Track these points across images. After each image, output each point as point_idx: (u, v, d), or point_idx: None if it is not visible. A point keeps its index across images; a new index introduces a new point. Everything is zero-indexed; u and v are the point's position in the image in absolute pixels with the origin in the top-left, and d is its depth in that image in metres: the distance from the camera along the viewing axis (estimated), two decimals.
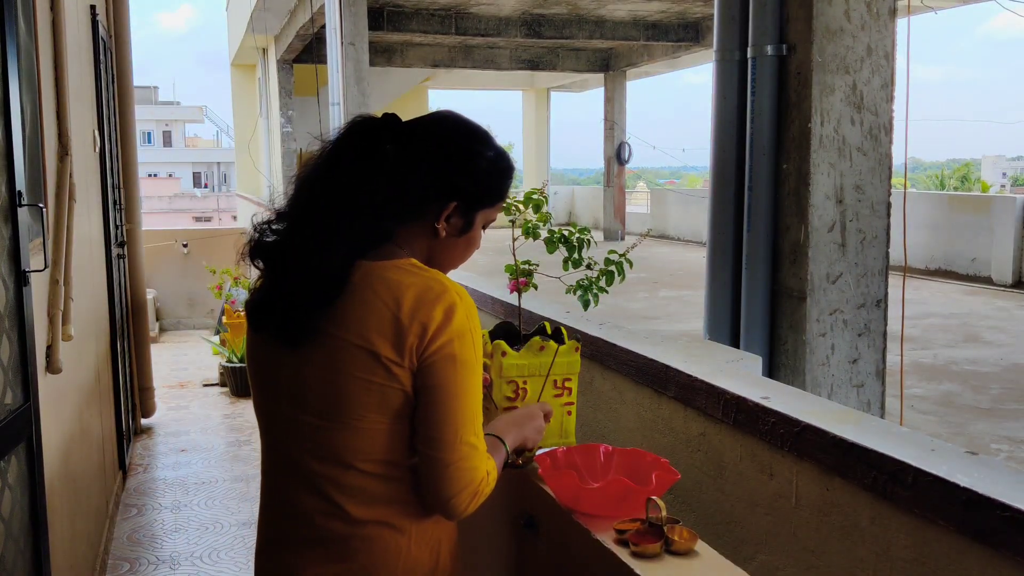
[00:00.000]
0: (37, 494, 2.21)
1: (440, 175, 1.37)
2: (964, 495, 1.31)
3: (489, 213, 1.44)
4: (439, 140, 1.40)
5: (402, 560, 1.34)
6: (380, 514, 1.33)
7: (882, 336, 3.40)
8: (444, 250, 1.42)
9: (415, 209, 1.37)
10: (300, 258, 1.30)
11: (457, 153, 1.39)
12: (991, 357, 7.89)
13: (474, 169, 1.40)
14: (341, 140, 1.38)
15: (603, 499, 1.44)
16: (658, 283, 12.62)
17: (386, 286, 1.28)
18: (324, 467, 1.32)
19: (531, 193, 1.77)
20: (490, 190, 1.43)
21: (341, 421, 1.29)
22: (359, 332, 1.27)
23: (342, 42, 10.60)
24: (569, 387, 1.74)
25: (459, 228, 1.41)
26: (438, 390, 1.27)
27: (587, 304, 1.82)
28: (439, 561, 1.39)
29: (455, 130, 1.43)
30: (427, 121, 1.44)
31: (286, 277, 1.32)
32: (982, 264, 12.96)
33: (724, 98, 3.58)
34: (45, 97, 2.86)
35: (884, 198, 3.33)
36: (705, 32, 15.68)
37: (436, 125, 1.43)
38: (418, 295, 1.27)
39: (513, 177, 1.47)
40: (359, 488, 1.31)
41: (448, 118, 1.45)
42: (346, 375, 1.27)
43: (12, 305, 2.09)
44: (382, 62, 17.27)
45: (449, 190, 1.37)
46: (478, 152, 1.41)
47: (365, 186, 1.33)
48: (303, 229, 1.33)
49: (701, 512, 2.00)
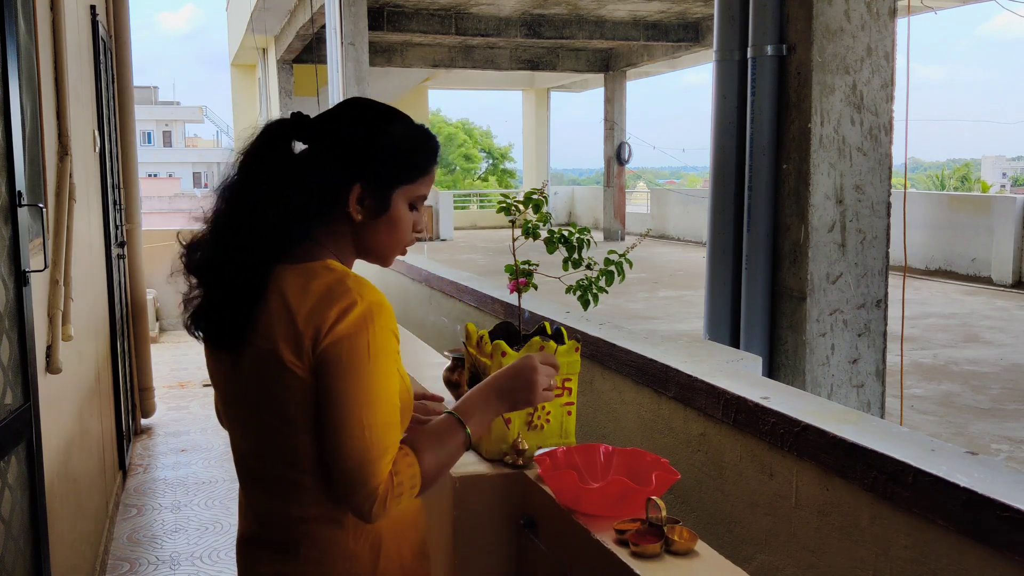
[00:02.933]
0: (37, 494, 2.21)
1: (341, 160, 1.36)
2: (964, 495, 1.31)
3: (412, 190, 1.40)
4: (338, 126, 1.38)
5: (340, 554, 1.35)
6: (318, 511, 1.34)
7: (882, 336, 3.40)
8: (369, 236, 1.39)
9: (326, 202, 1.36)
10: (221, 269, 1.33)
11: (356, 134, 1.37)
12: (991, 357, 7.89)
13: (375, 147, 1.37)
14: (252, 146, 1.39)
15: (603, 499, 1.44)
16: (658, 283, 12.62)
17: (292, 290, 1.29)
18: (266, 467, 1.36)
19: (531, 193, 1.77)
20: (399, 166, 1.38)
21: (271, 423, 1.32)
22: (269, 337, 1.29)
23: (342, 42, 10.60)
24: (569, 387, 1.74)
25: (375, 209, 1.38)
26: (328, 392, 1.27)
27: (587, 304, 1.82)
28: (381, 555, 1.38)
29: (355, 113, 1.40)
30: (330, 111, 1.43)
31: (211, 288, 1.35)
32: (982, 264, 12.96)
33: (724, 98, 3.58)
34: (45, 97, 2.86)
35: (884, 198, 3.33)
36: (705, 32, 15.68)
37: (337, 112, 1.41)
38: (318, 297, 1.28)
39: (433, 150, 1.42)
40: (298, 486, 1.34)
41: (349, 103, 1.43)
42: (268, 380, 1.30)
43: (12, 305, 2.09)
44: (382, 62, 17.27)
45: (351, 172, 1.35)
46: (378, 130, 1.38)
47: (274, 189, 1.33)
48: (221, 240, 1.35)
49: (701, 512, 2.00)
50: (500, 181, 40.86)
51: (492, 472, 1.65)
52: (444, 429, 1.38)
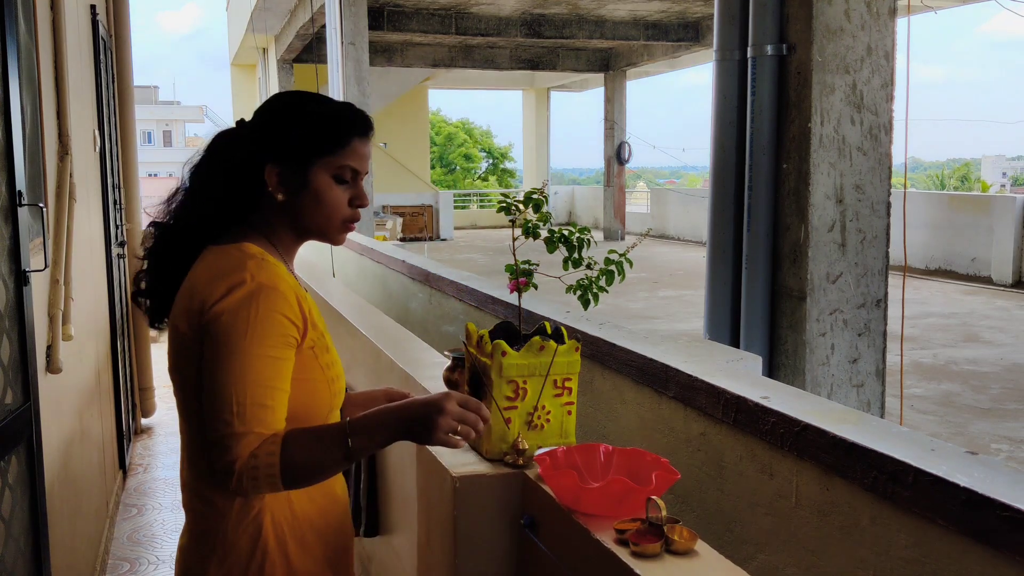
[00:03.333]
0: (37, 494, 2.21)
1: (255, 144, 1.43)
2: (964, 495, 1.31)
3: (331, 162, 1.43)
4: (259, 116, 1.47)
5: (219, 539, 1.39)
6: (207, 491, 1.39)
7: (882, 336, 3.40)
8: (299, 214, 1.44)
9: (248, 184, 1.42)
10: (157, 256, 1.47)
11: (266, 121, 1.45)
12: (991, 357, 7.89)
13: (283, 126, 1.43)
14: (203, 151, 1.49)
15: (603, 499, 1.44)
16: (658, 283, 12.62)
17: (200, 268, 1.39)
18: (183, 441, 1.44)
19: (531, 193, 1.77)
20: (312, 140, 1.42)
21: (181, 395, 1.40)
22: (176, 313, 1.38)
23: (342, 42, 10.59)
24: (569, 387, 1.74)
25: (295, 186, 1.42)
26: (206, 364, 1.32)
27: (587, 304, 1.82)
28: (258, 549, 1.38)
29: (272, 102, 1.48)
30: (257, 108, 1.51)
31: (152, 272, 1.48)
32: (982, 264, 12.96)
33: (724, 98, 3.58)
34: (45, 97, 2.86)
35: (884, 198, 3.33)
36: (705, 32, 15.68)
37: (261, 106, 1.49)
38: (213, 274, 1.36)
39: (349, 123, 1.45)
40: (196, 462, 1.40)
41: (272, 96, 1.51)
42: (174, 352, 1.39)
43: (12, 305, 2.09)
44: (382, 62, 17.27)
45: (265, 153, 1.42)
46: (288, 110, 1.45)
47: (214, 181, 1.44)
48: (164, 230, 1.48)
49: (701, 512, 2.00)
50: (500, 181, 40.85)
51: (492, 472, 1.65)
52: (327, 434, 1.34)
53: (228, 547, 1.39)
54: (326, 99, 1.48)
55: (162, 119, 56.12)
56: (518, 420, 1.70)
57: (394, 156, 21.84)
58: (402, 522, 2.70)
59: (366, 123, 1.48)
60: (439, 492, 1.72)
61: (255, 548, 1.39)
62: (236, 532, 1.38)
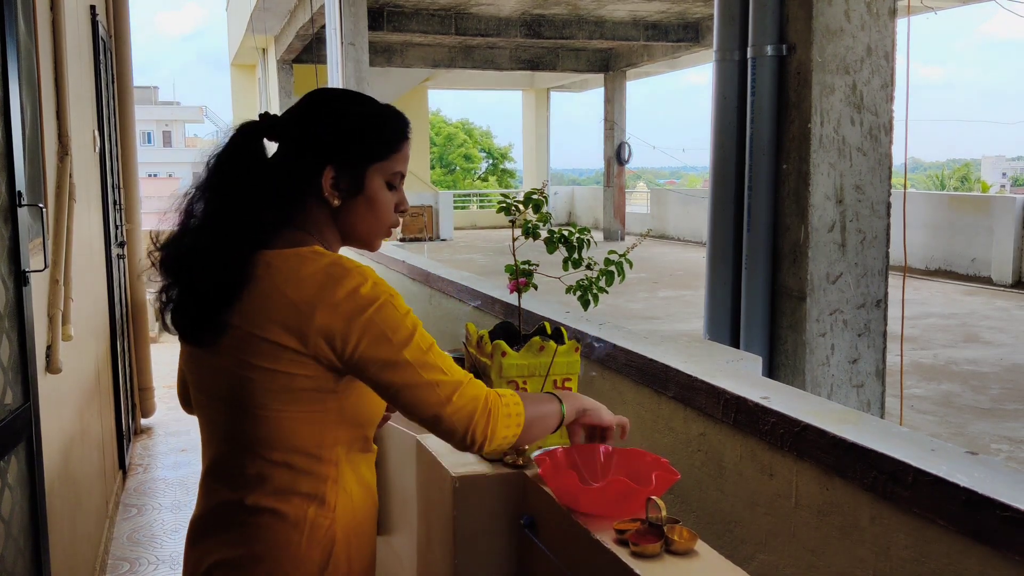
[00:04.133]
0: (37, 494, 2.21)
1: (310, 145, 1.38)
2: (964, 495, 1.31)
3: (385, 167, 1.42)
4: (303, 115, 1.41)
5: (291, 553, 1.33)
6: (275, 504, 1.33)
7: (882, 336, 3.40)
8: (349, 218, 1.41)
9: (301, 189, 1.38)
10: (202, 260, 1.33)
11: (321, 118, 1.40)
12: (991, 357, 7.89)
13: (341, 127, 1.39)
14: (225, 146, 1.41)
15: (603, 499, 1.44)
16: (658, 283, 12.62)
17: (283, 275, 1.30)
18: (231, 454, 1.36)
19: (531, 193, 1.77)
20: (368, 144, 1.40)
21: (245, 409, 1.32)
22: (261, 323, 1.28)
23: (342, 42, 10.60)
24: (569, 387, 1.74)
25: (350, 190, 1.39)
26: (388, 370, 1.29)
27: (587, 304, 1.82)
28: (331, 561, 1.36)
29: (319, 100, 1.43)
30: (295, 104, 1.45)
31: (192, 281, 1.35)
32: (982, 264, 12.96)
33: (724, 98, 3.58)
34: (45, 97, 2.86)
35: (884, 198, 3.33)
36: (705, 32, 15.68)
37: (303, 103, 1.44)
38: (319, 282, 1.29)
39: (400, 126, 1.45)
40: (260, 476, 1.33)
41: (314, 93, 1.46)
42: (250, 365, 1.29)
43: (12, 305, 2.09)
44: (382, 62, 17.27)
45: (322, 156, 1.37)
46: (342, 111, 1.40)
47: (248, 183, 1.36)
48: (201, 233, 1.36)
49: (701, 512, 2.00)
50: (500, 181, 40.84)
51: (492, 472, 1.65)
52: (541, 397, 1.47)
53: (299, 561, 1.33)
54: (371, 100, 1.46)
55: (162, 119, 56.12)
56: None
57: None
58: (402, 522, 2.70)
59: (408, 125, 1.47)
60: (439, 492, 1.72)
61: (328, 559, 1.35)
62: (309, 544, 1.34)
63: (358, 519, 1.40)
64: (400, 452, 2.66)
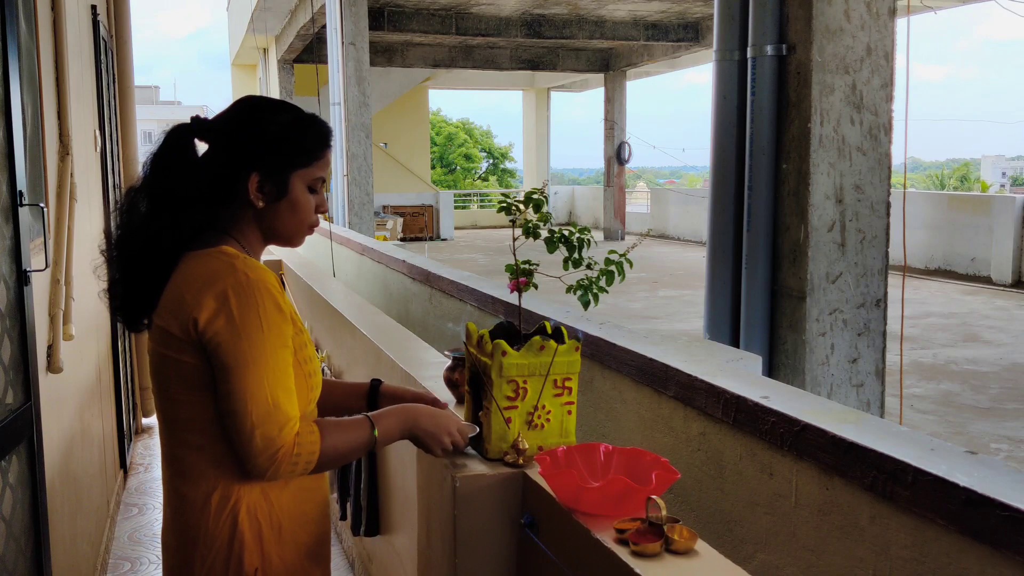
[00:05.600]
0: (38, 493, 2.21)
1: (235, 151, 1.46)
2: (964, 495, 1.31)
3: (307, 173, 1.49)
4: (232, 121, 1.49)
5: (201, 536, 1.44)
6: (187, 488, 1.45)
7: (882, 336, 3.41)
8: (272, 220, 1.49)
9: (227, 192, 1.46)
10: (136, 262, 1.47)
11: (246, 126, 1.47)
12: (991, 357, 7.89)
13: (267, 136, 1.46)
14: (159, 147, 1.49)
15: (603, 499, 1.44)
16: (658, 283, 12.62)
17: (185, 273, 1.41)
18: (164, 440, 1.49)
19: (531, 193, 1.78)
20: (294, 151, 1.47)
21: (165, 395, 1.44)
22: (165, 316, 1.41)
23: (343, 42, 10.60)
24: (569, 387, 1.74)
25: (274, 194, 1.47)
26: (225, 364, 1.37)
27: (587, 304, 1.82)
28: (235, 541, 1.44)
29: (247, 108, 1.51)
30: (225, 109, 1.52)
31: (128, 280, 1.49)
32: (982, 264, 12.96)
33: (724, 98, 3.58)
34: (46, 97, 2.86)
35: (884, 198, 3.34)
36: (705, 32, 15.68)
37: (231, 109, 1.52)
38: (204, 278, 1.39)
39: (322, 135, 1.51)
40: (180, 460, 1.45)
41: (241, 101, 1.54)
42: (162, 355, 1.42)
43: (13, 305, 2.10)
44: (382, 62, 17.27)
45: (248, 162, 1.45)
46: (269, 120, 1.48)
47: (178, 185, 1.45)
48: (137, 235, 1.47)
49: (701, 511, 2.01)
50: (500, 181, 40.84)
51: (492, 472, 1.66)
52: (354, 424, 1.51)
53: (209, 541, 1.44)
54: (296, 108, 1.53)
55: (163, 119, 56.06)
56: (518, 420, 1.70)
57: (394, 156, 21.85)
58: (402, 522, 2.70)
59: (331, 134, 1.55)
60: (439, 492, 1.72)
61: (232, 539, 1.44)
62: (215, 525, 1.43)
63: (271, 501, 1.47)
64: (400, 452, 2.67)
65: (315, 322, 4.47)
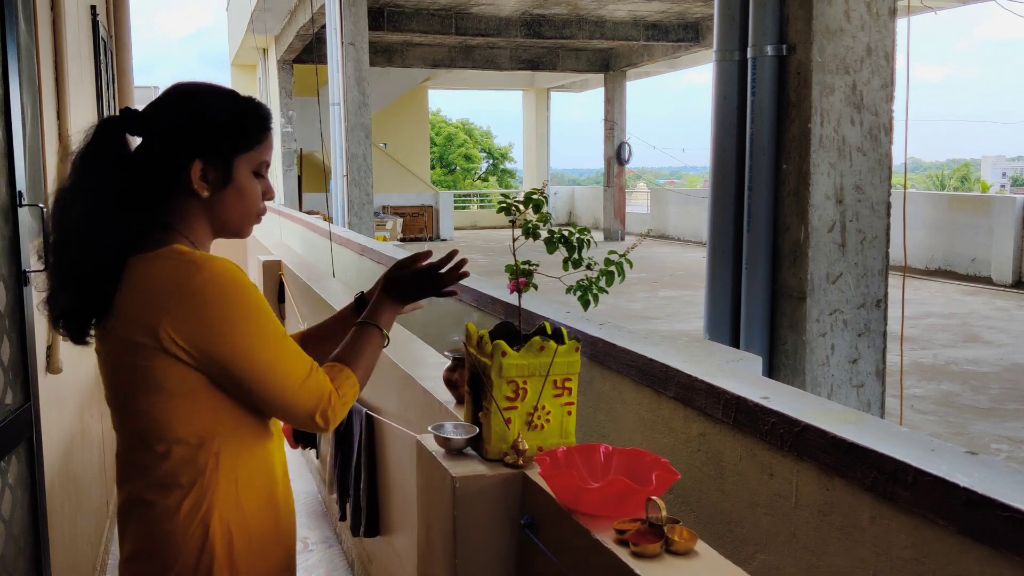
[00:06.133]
0: (37, 494, 2.21)
1: (173, 141, 1.39)
2: (964, 495, 1.31)
3: (252, 157, 1.44)
4: (166, 111, 1.42)
5: (169, 545, 1.37)
6: (152, 495, 1.38)
7: (882, 336, 3.41)
8: (219, 209, 1.43)
9: (169, 186, 1.40)
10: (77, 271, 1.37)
11: (182, 114, 1.41)
12: (991, 357, 7.89)
13: (207, 121, 1.40)
14: (87, 145, 1.41)
15: (603, 499, 1.44)
16: (658, 283, 12.62)
17: (140, 278, 1.34)
18: (122, 449, 1.44)
19: (531, 193, 1.77)
20: (236, 135, 1.42)
21: (124, 405, 1.40)
22: (124, 324, 1.34)
23: (342, 42, 10.60)
24: (569, 387, 1.74)
25: (219, 182, 1.41)
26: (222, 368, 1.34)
27: (587, 304, 1.82)
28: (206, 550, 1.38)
29: (183, 94, 1.44)
30: (156, 98, 1.45)
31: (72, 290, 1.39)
32: (982, 264, 12.97)
33: (724, 98, 3.58)
34: (46, 97, 2.86)
35: (884, 198, 3.34)
36: (705, 32, 15.68)
37: (163, 98, 1.44)
38: (167, 282, 1.33)
39: (262, 117, 1.46)
40: (142, 469, 1.40)
41: (173, 88, 1.46)
42: (121, 364, 1.37)
43: (12, 305, 2.09)
44: (382, 62, 17.27)
45: (190, 150, 1.38)
46: (205, 105, 1.41)
47: (113, 184, 1.37)
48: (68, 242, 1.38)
49: (701, 512, 2.00)
50: (500, 181, 40.85)
51: (492, 472, 1.65)
52: (361, 339, 1.53)
53: (176, 551, 1.37)
54: (233, 92, 1.47)
55: None
56: (518, 420, 1.70)
57: (394, 156, 21.84)
58: (402, 522, 2.70)
59: (270, 116, 1.49)
60: (439, 492, 1.72)
61: (202, 550, 1.37)
62: (184, 534, 1.37)
63: (247, 507, 1.42)
64: (400, 452, 2.66)
65: (315, 322, 4.47)
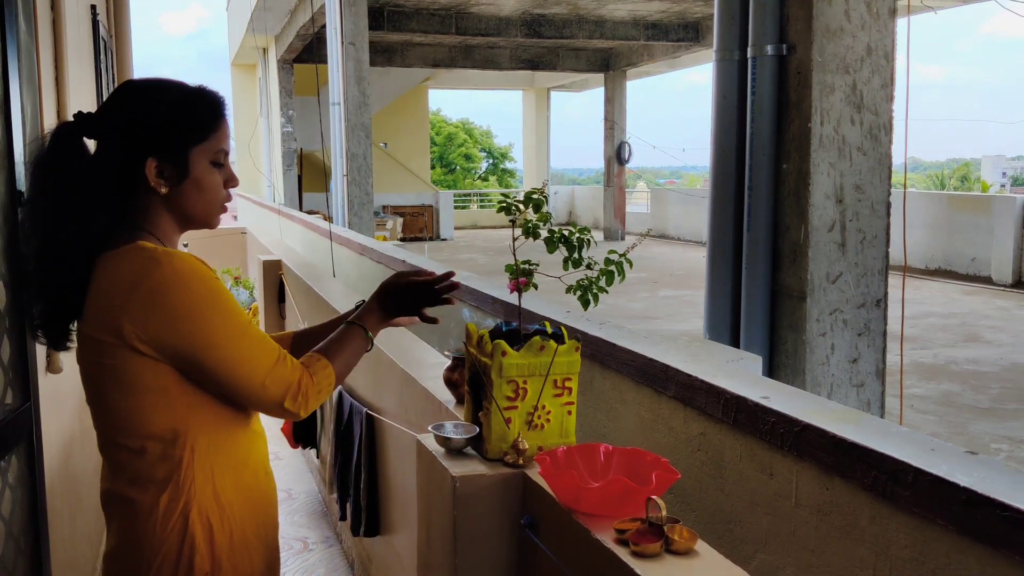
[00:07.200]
0: (37, 494, 2.21)
1: (126, 140, 1.40)
2: (964, 495, 1.31)
3: (207, 147, 1.43)
4: (118, 108, 1.43)
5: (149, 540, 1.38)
6: (130, 492, 1.40)
7: (882, 336, 3.41)
8: (181, 203, 1.44)
9: (127, 181, 1.41)
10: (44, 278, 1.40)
11: (134, 111, 1.41)
12: (991, 357, 7.89)
13: (156, 117, 1.40)
14: (44, 152, 1.43)
15: (603, 499, 1.44)
16: (658, 283, 12.62)
17: (106, 276, 1.36)
18: (101, 447, 1.46)
19: (531, 193, 1.77)
20: (187, 127, 1.42)
21: (98, 403, 1.42)
22: (91, 323, 1.37)
23: (342, 42, 10.59)
24: (569, 387, 1.74)
25: (177, 176, 1.41)
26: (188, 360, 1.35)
27: (587, 304, 1.82)
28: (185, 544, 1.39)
29: (130, 92, 1.46)
30: (106, 100, 1.46)
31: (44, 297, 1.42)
32: (982, 264, 12.96)
33: (724, 98, 3.58)
34: (45, 97, 2.86)
35: (884, 198, 3.34)
36: (705, 32, 15.68)
37: (113, 97, 1.45)
38: (130, 278, 1.34)
39: (213, 104, 1.45)
40: (119, 465, 1.42)
41: (123, 86, 1.48)
42: (92, 363, 1.40)
43: (12, 305, 2.09)
44: (382, 62, 17.27)
45: (142, 148, 1.39)
46: (153, 100, 1.42)
47: (74, 182, 1.39)
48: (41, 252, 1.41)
49: (701, 512, 2.00)
50: (500, 181, 40.85)
51: (492, 472, 1.65)
52: (344, 337, 1.56)
53: (157, 546, 1.38)
54: (181, 84, 1.47)
55: None
56: (518, 420, 1.70)
57: (394, 156, 21.85)
58: (402, 522, 2.70)
59: (223, 103, 1.49)
60: (439, 492, 1.72)
61: (183, 544, 1.38)
62: (164, 530, 1.38)
63: (225, 500, 1.43)
64: (400, 452, 2.66)
65: (315, 322, 4.47)
